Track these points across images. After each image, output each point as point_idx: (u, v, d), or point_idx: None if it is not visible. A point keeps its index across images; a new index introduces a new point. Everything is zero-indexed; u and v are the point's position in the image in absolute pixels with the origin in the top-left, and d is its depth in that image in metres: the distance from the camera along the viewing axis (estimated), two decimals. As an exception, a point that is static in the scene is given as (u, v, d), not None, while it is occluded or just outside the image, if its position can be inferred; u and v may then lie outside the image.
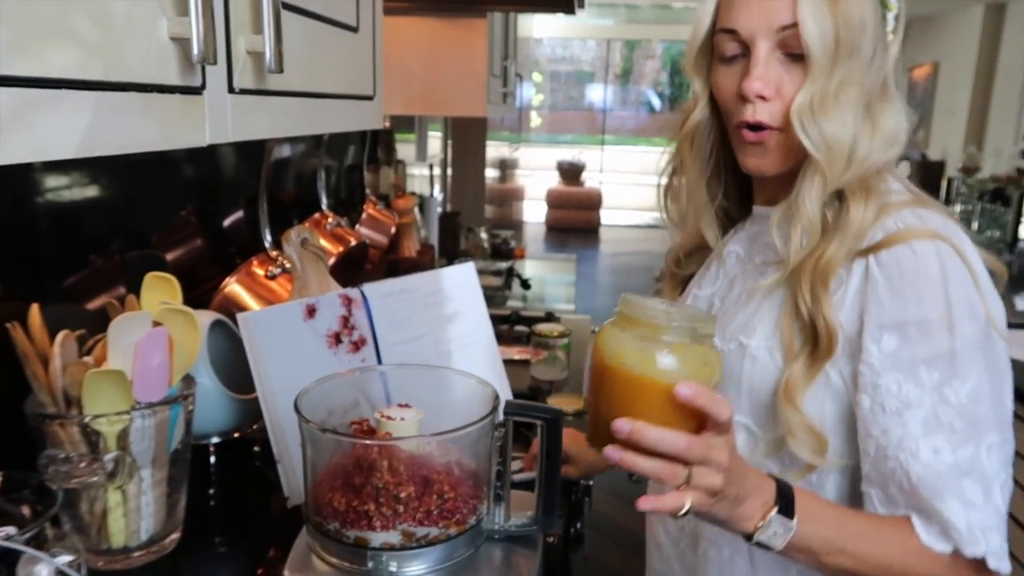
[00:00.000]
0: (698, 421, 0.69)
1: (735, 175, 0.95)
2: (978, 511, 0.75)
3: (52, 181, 1.08)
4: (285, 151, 1.90)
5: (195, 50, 0.53)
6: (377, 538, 0.76)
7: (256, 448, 1.22)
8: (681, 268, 1.04)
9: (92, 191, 1.17)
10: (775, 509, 0.74)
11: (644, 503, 0.70)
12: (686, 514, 0.70)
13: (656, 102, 12.66)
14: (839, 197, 0.83)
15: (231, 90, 0.64)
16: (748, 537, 0.74)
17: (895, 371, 0.77)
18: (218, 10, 0.60)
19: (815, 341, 0.81)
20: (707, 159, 0.94)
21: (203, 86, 0.59)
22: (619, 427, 0.67)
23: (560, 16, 9.40)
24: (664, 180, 0.99)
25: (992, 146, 6.44)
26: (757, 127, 0.83)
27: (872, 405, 0.79)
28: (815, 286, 0.81)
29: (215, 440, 1.16)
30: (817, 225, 0.82)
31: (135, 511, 0.91)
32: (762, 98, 0.82)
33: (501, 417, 0.82)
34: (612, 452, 0.69)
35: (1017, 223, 4.73)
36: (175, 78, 0.55)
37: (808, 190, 0.81)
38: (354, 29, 0.97)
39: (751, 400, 0.86)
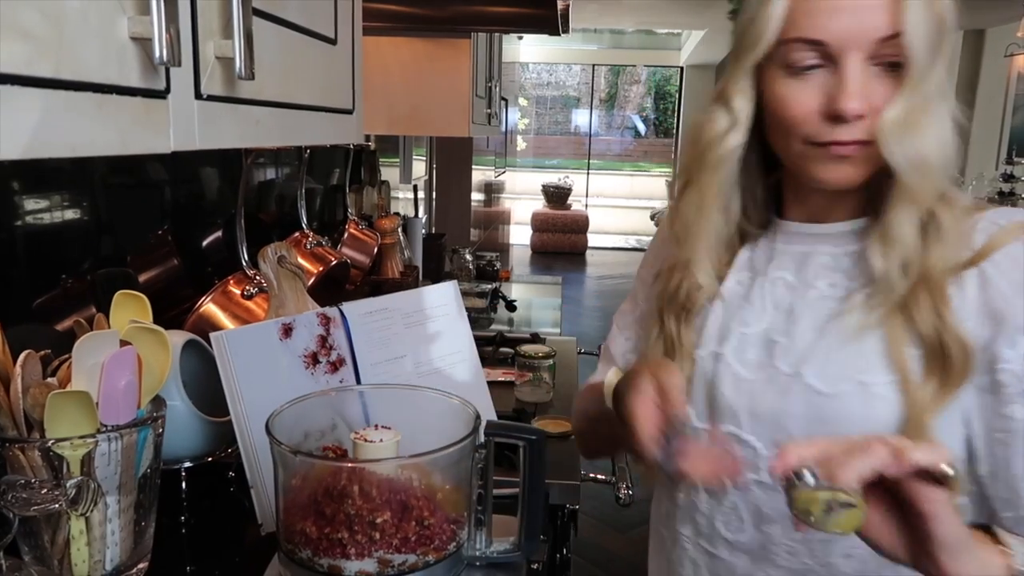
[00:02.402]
0: None
1: (761, 188, 0.86)
2: None
3: (29, 203, 1.05)
4: (269, 173, 1.88)
5: (156, 51, 0.51)
6: (352, 567, 0.72)
7: (230, 473, 1.18)
8: (686, 299, 0.88)
9: (69, 212, 1.14)
10: None
11: None
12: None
13: (641, 127, 12.77)
14: None
15: (198, 96, 0.61)
16: None
17: None
18: (184, 11, 0.57)
19: (944, 363, 0.72)
20: (732, 187, 0.83)
21: (167, 90, 0.56)
22: None
23: (545, 40, 9.50)
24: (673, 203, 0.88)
25: (974, 169, 6.50)
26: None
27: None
28: (936, 302, 0.72)
29: (187, 465, 1.12)
30: (918, 249, 0.73)
31: (99, 540, 0.87)
32: (860, 117, 0.72)
33: (482, 438, 0.79)
34: None
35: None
36: (136, 80, 0.52)
37: (901, 216, 0.73)
38: (332, 41, 0.95)
39: None
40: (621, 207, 11.16)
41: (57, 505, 0.80)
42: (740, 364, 0.82)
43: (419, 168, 3.70)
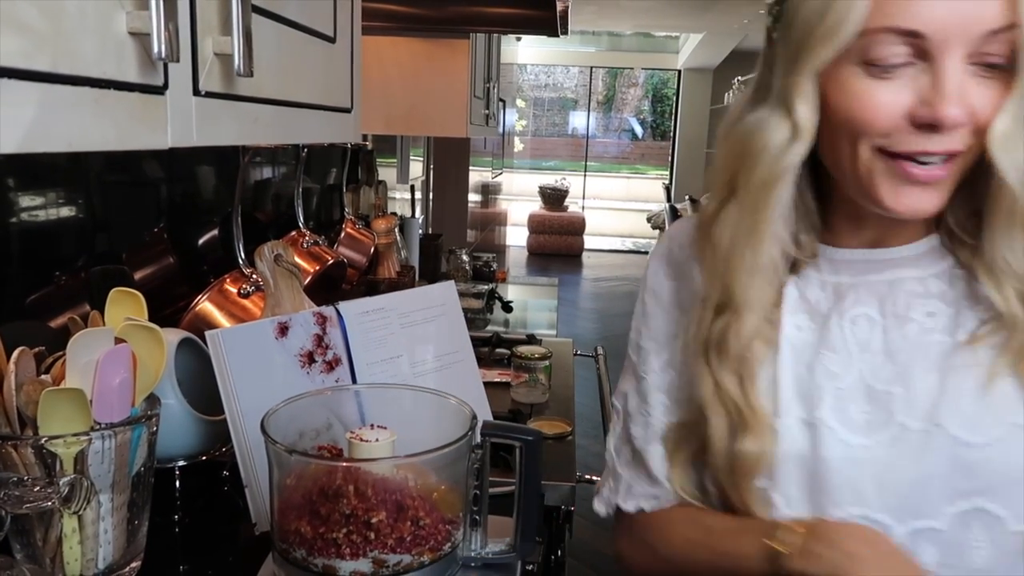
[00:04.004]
0: None
1: (811, 210, 0.73)
2: None
3: (24, 199, 1.05)
4: (266, 171, 1.88)
5: (155, 47, 0.50)
6: (346, 567, 0.72)
7: (224, 472, 1.17)
8: (742, 350, 0.71)
9: (65, 209, 1.13)
10: None
11: None
12: None
13: (638, 130, 12.78)
14: None
15: (196, 92, 0.61)
16: None
17: None
18: (183, 7, 0.57)
19: None
20: (787, 210, 0.70)
21: (165, 86, 0.56)
22: None
23: (544, 42, 9.51)
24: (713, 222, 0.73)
25: None
26: (928, 161, 0.62)
27: None
28: None
29: (181, 463, 1.11)
30: None
31: (92, 538, 0.86)
32: (958, 126, 0.60)
33: (478, 438, 0.78)
34: None
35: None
36: (134, 75, 0.52)
37: (1008, 242, 0.64)
38: (331, 39, 0.95)
39: None
40: (618, 209, 11.17)
41: (50, 503, 0.79)
42: (846, 428, 0.68)
43: (416, 168, 3.70)
